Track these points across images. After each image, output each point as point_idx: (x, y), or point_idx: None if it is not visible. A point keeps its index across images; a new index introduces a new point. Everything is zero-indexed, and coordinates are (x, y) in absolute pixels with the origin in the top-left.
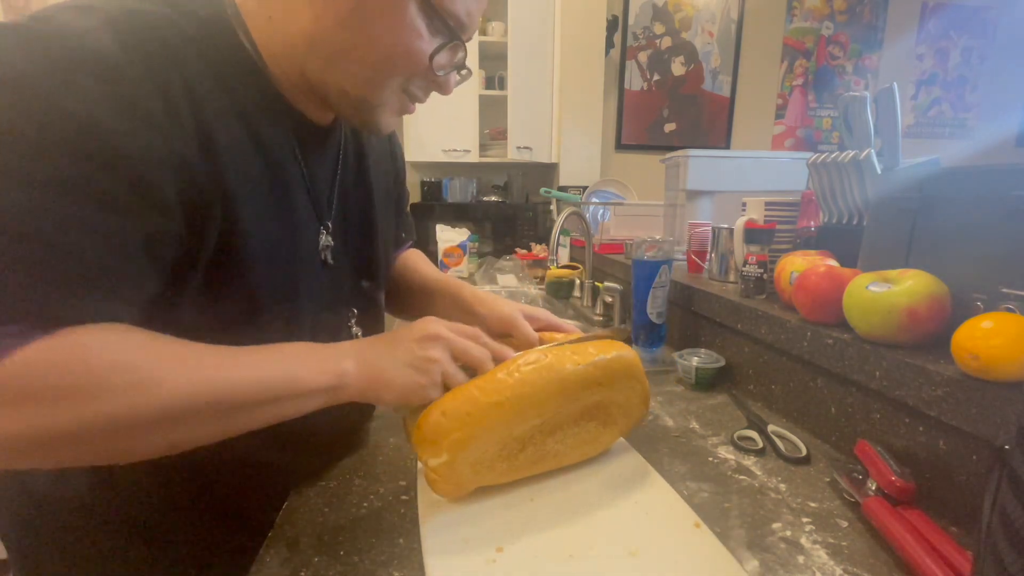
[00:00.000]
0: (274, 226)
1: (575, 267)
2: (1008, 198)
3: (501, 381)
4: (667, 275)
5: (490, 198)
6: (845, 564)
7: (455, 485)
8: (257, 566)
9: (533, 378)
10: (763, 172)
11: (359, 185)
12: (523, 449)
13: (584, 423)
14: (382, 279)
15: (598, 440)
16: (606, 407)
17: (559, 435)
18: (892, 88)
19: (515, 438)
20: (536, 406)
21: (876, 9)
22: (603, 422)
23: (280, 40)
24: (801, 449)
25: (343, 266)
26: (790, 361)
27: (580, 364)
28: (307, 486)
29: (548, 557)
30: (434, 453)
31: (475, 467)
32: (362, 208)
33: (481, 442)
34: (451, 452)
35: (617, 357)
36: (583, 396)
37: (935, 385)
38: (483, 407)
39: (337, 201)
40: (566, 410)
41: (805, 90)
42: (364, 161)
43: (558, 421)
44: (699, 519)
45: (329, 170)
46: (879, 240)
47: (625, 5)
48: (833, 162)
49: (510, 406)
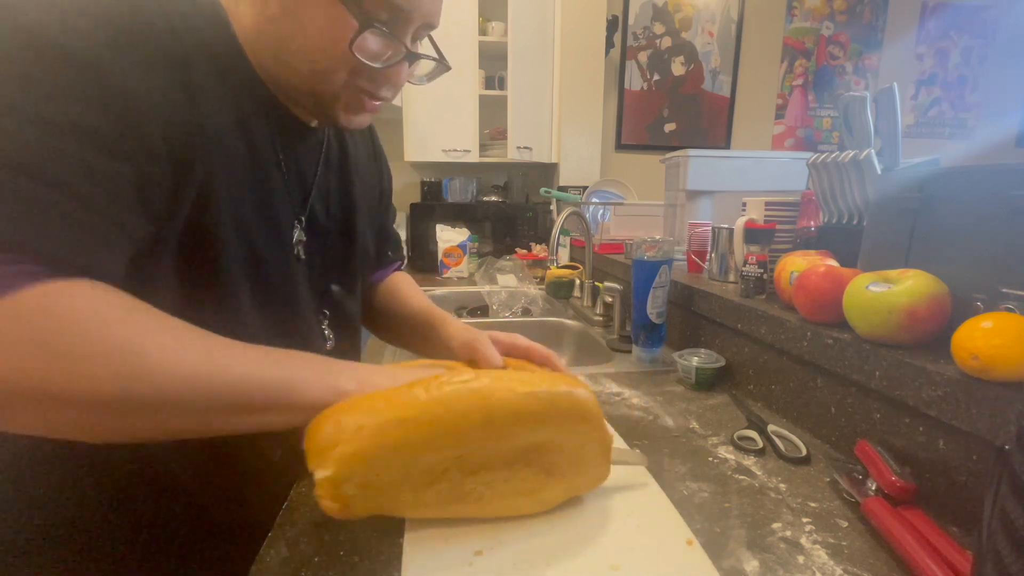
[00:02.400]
0: (248, 208)
1: (575, 267)
2: (1008, 198)
3: (413, 396)
4: (667, 275)
5: (490, 198)
6: (845, 564)
7: (342, 505)
8: (257, 566)
9: (452, 399)
10: (763, 172)
11: (342, 190)
12: (433, 484)
13: (520, 468)
14: (356, 287)
15: (536, 493)
16: (547, 452)
17: (483, 476)
18: (892, 88)
19: (422, 469)
20: (450, 434)
21: (876, 9)
22: (544, 471)
23: (243, 30)
24: (801, 449)
25: (316, 265)
26: (790, 361)
27: (514, 392)
28: (307, 486)
29: (528, 564)
30: (319, 464)
31: (367, 490)
32: (344, 212)
33: (375, 463)
34: (336, 467)
35: (567, 393)
36: (515, 433)
37: (935, 385)
38: (383, 422)
39: (316, 199)
40: (492, 447)
41: (805, 90)
42: (348, 167)
43: (482, 459)
44: (693, 536)
45: (309, 167)
46: (879, 240)
47: (625, 5)
48: (833, 162)
49: (416, 427)
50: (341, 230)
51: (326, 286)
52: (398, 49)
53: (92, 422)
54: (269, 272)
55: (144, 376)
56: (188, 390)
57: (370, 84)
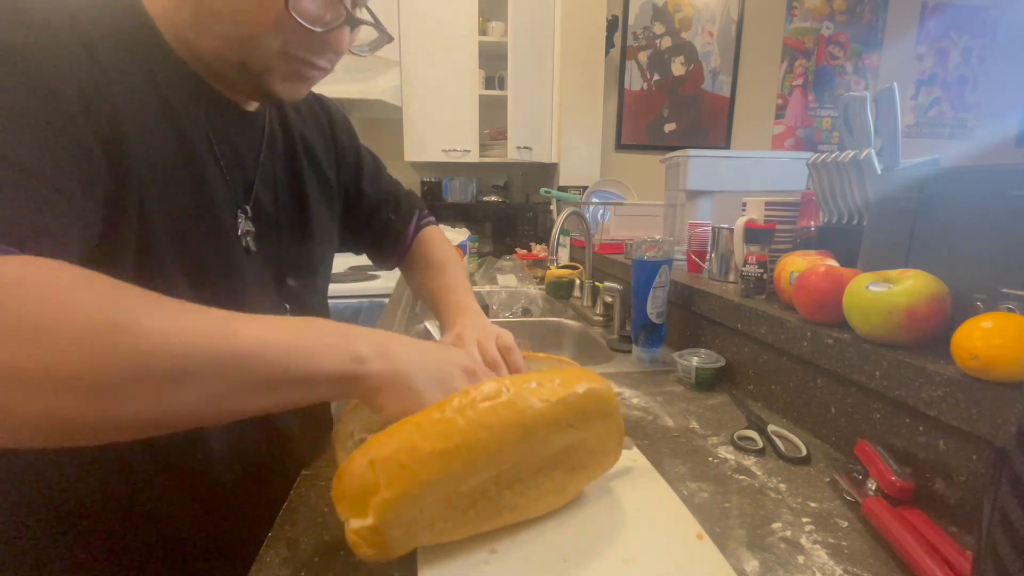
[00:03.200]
0: (182, 197)
1: (575, 267)
2: (1008, 198)
3: (449, 423)
4: (667, 275)
5: (490, 198)
6: (845, 564)
7: (381, 550)
8: (257, 566)
9: (490, 420)
10: (763, 172)
11: (291, 178)
12: (473, 505)
13: (549, 472)
14: (315, 279)
15: (564, 490)
16: (576, 451)
17: (519, 487)
18: (892, 88)
19: (463, 493)
20: (492, 455)
21: (876, 9)
22: (572, 468)
23: (156, 6)
24: (801, 449)
25: (270, 256)
26: (790, 361)
27: (547, 401)
28: (307, 486)
29: (543, 560)
30: (356, 513)
31: (409, 529)
32: (295, 201)
33: (419, 502)
34: (379, 516)
35: (589, 392)
36: (550, 441)
37: (935, 385)
38: (424, 457)
39: (261, 188)
40: (528, 458)
41: (805, 90)
42: (295, 152)
43: (518, 471)
44: (702, 530)
45: (249, 153)
46: (879, 240)
47: (625, 5)
48: (833, 162)
49: (460, 456)
50: (294, 220)
51: (284, 279)
52: (338, 11)
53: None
54: (208, 265)
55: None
56: (194, 362)
57: (307, 51)
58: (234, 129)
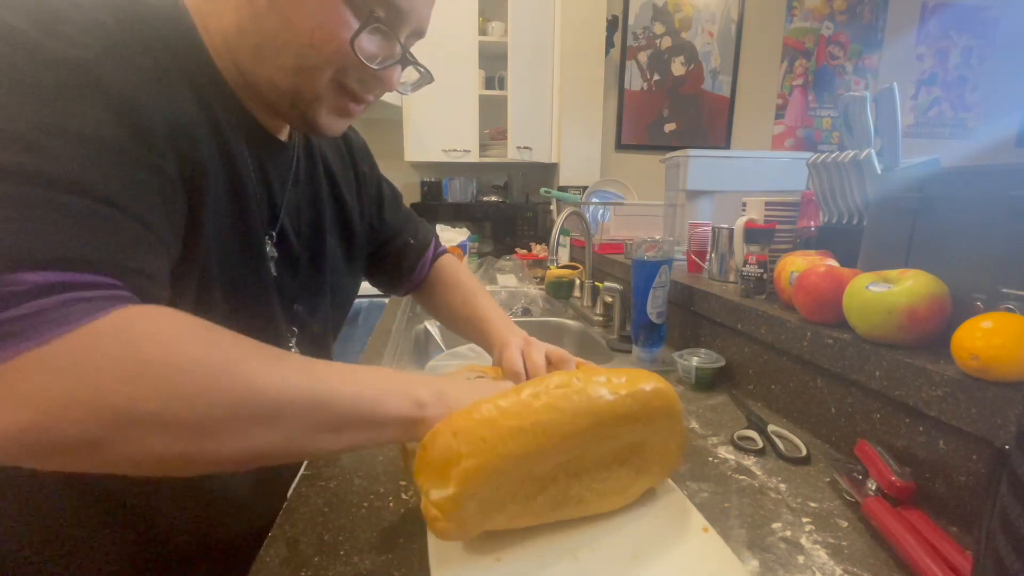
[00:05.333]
0: (228, 221)
1: (575, 267)
2: (1008, 198)
3: (526, 403)
4: (667, 275)
5: (490, 198)
6: (845, 564)
7: (458, 525)
8: (257, 566)
9: (564, 404)
10: (763, 172)
11: (310, 207)
12: (543, 490)
13: (616, 468)
14: (321, 308)
15: (628, 490)
16: (642, 450)
17: (586, 479)
18: (892, 88)
19: (535, 477)
20: (565, 439)
21: (876, 9)
22: (637, 469)
23: (216, 32)
24: (801, 449)
25: (285, 283)
26: (790, 361)
27: (617, 393)
28: (307, 486)
29: (553, 555)
30: (439, 483)
31: (484, 507)
32: (312, 229)
33: (496, 476)
34: (459, 484)
35: (656, 390)
36: (619, 434)
37: (935, 385)
38: (503, 432)
39: (286, 216)
40: (597, 449)
41: (805, 90)
42: (316, 176)
43: (586, 462)
44: (708, 524)
45: (279, 180)
46: (879, 240)
47: (625, 5)
48: (833, 162)
49: (535, 435)
50: (310, 248)
51: (292, 304)
52: (394, 50)
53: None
54: (245, 288)
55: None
56: (285, 405)
57: (358, 85)
58: (268, 157)
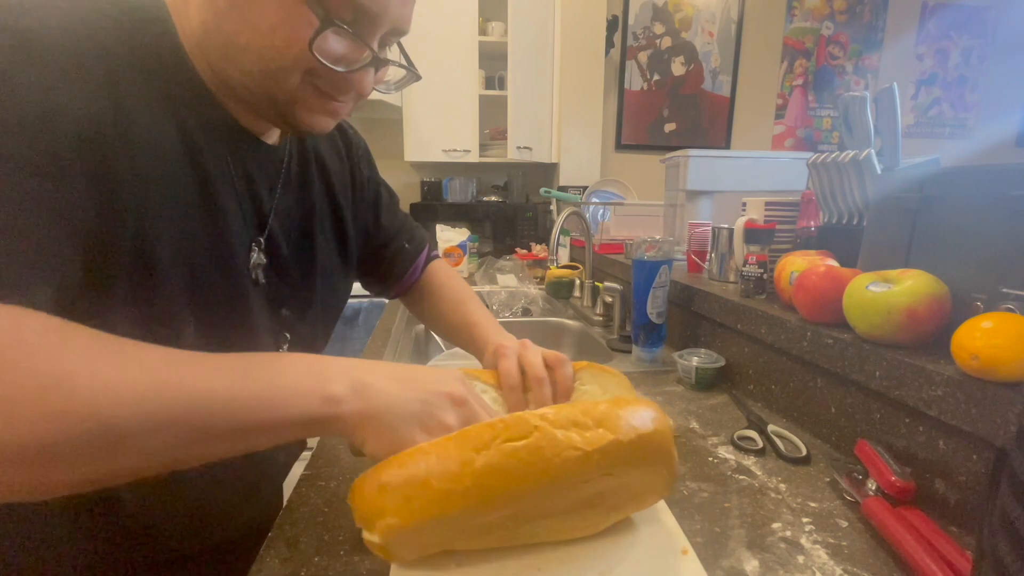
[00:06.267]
0: (197, 230)
1: (575, 267)
2: (1008, 198)
3: (466, 462)
4: (667, 275)
5: (490, 198)
6: (845, 564)
7: (399, 557)
8: (257, 566)
9: (511, 465)
10: (763, 172)
11: (302, 208)
12: (489, 533)
13: (582, 511)
14: (309, 313)
15: (596, 527)
16: (614, 495)
17: (541, 523)
18: (892, 88)
19: (476, 525)
20: (508, 500)
21: (876, 9)
22: (607, 509)
23: (188, 32)
24: (801, 449)
25: (274, 288)
26: (790, 361)
27: (582, 450)
28: (307, 486)
29: (516, 569)
30: (367, 528)
31: (417, 547)
32: (303, 234)
33: (424, 532)
34: (384, 536)
35: (639, 440)
36: (580, 488)
37: (935, 385)
38: (432, 496)
39: (275, 220)
40: (555, 501)
41: (805, 90)
42: (308, 176)
43: (541, 511)
44: (689, 545)
45: (267, 185)
46: (879, 240)
47: (625, 5)
48: (833, 162)
49: (469, 499)
50: (300, 253)
51: (280, 309)
52: (362, 53)
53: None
54: (217, 299)
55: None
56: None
57: (330, 87)
58: (253, 162)
